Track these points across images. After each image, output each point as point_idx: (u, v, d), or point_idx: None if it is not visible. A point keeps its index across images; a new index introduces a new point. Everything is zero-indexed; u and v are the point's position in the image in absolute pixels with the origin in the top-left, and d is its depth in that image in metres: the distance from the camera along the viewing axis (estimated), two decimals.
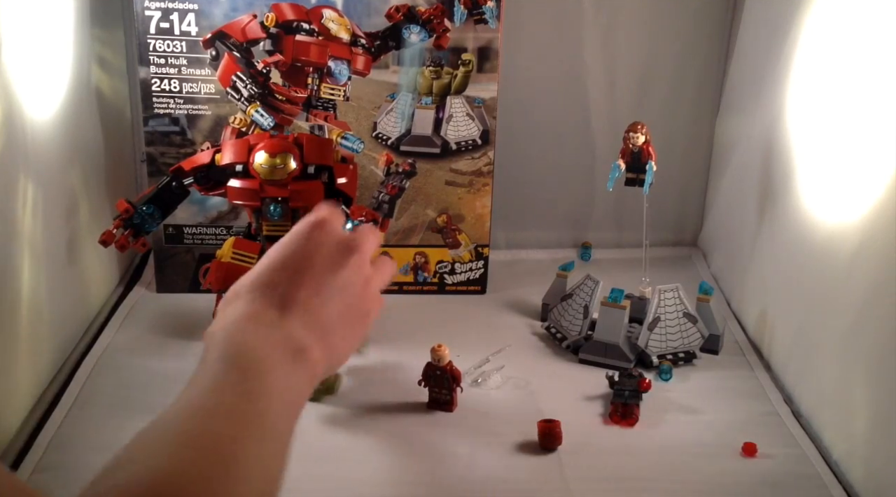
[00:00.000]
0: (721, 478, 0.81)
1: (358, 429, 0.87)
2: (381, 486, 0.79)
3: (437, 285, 1.15)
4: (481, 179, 1.11)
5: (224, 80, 1.04)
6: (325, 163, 0.93)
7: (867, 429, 0.79)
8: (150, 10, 1.02)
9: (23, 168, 0.83)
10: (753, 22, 1.13)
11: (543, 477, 0.81)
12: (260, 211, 0.92)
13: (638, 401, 0.89)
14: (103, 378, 0.94)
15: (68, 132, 0.97)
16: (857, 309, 0.81)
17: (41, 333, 0.90)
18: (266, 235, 0.93)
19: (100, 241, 0.93)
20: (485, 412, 0.90)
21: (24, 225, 0.84)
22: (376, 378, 0.95)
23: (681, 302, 0.99)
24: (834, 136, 0.88)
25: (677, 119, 1.24)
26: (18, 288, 0.83)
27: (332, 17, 1.02)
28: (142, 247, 0.94)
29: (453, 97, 1.08)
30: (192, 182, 0.95)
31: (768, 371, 0.99)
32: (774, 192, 1.02)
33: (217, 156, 0.94)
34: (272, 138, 0.93)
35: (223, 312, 0.63)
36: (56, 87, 0.95)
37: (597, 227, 1.29)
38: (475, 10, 1.04)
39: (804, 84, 0.96)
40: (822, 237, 0.89)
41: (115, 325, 1.05)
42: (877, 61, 0.80)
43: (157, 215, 0.95)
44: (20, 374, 0.85)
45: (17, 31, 0.82)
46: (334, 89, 1.05)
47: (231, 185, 0.92)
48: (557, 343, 1.03)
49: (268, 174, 0.91)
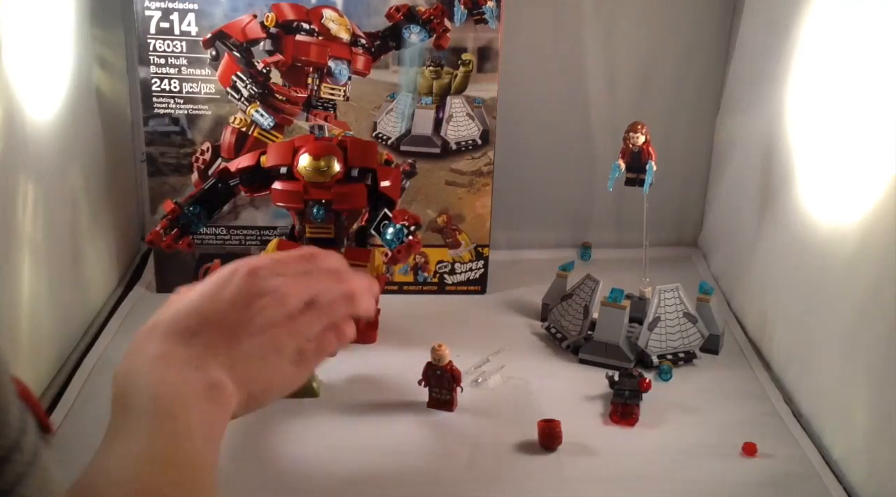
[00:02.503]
0: (721, 478, 0.81)
1: (358, 429, 0.87)
2: (381, 486, 0.79)
3: (437, 285, 1.15)
4: (481, 179, 1.11)
5: (224, 79, 1.04)
6: (369, 165, 0.93)
7: (867, 429, 0.79)
8: (150, 10, 1.02)
9: (23, 168, 0.83)
10: (753, 22, 1.13)
11: (543, 477, 0.81)
12: (303, 213, 0.92)
13: (638, 401, 0.89)
14: (103, 378, 0.94)
15: (68, 132, 0.97)
16: (857, 309, 0.81)
17: (41, 333, 0.90)
18: (309, 238, 0.94)
19: (147, 241, 0.94)
20: (485, 412, 0.90)
21: (24, 225, 0.84)
22: (376, 378, 0.95)
23: (681, 302, 0.99)
24: (834, 137, 0.88)
25: (677, 119, 1.24)
26: (18, 288, 0.83)
27: (332, 17, 1.03)
28: (188, 247, 0.95)
29: (453, 97, 1.08)
30: (238, 183, 0.95)
31: (768, 371, 0.99)
32: (774, 192, 1.02)
33: (262, 158, 0.94)
34: (316, 141, 0.93)
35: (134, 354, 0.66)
36: (56, 87, 0.95)
37: (597, 227, 1.29)
38: (475, 10, 1.04)
39: (804, 84, 0.96)
40: (822, 237, 0.89)
41: (115, 325, 1.05)
42: (877, 61, 0.80)
43: (203, 216, 0.95)
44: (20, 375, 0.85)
45: (17, 31, 0.82)
46: (334, 89, 1.05)
47: (275, 187, 0.92)
48: (557, 343, 1.04)
49: (311, 176, 0.91)
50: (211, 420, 0.63)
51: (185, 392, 0.62)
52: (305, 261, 0.74)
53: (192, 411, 0.61)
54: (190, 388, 0.63)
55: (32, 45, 0.87)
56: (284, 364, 0.69)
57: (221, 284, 0.68)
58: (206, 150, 1.08)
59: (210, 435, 0.62)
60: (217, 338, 0.66)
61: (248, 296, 0.68)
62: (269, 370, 0.69)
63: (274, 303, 0.68)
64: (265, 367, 0.68)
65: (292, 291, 0.70)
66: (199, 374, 0.63)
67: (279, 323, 0.68)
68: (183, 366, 0.63)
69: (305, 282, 0.72)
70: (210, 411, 0.63)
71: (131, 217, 1.22)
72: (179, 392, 0.62)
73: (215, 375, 0.64)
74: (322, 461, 0.82)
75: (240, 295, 0.68)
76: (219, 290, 0.68)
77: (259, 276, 0.69)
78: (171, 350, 0.64)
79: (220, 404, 0.64)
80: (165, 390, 0.61)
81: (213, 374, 0.64)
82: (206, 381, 0.63)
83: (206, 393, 0.63)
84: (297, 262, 0.74)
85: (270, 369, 0.69)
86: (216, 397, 0.63)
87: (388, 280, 1.12)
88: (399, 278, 1.14)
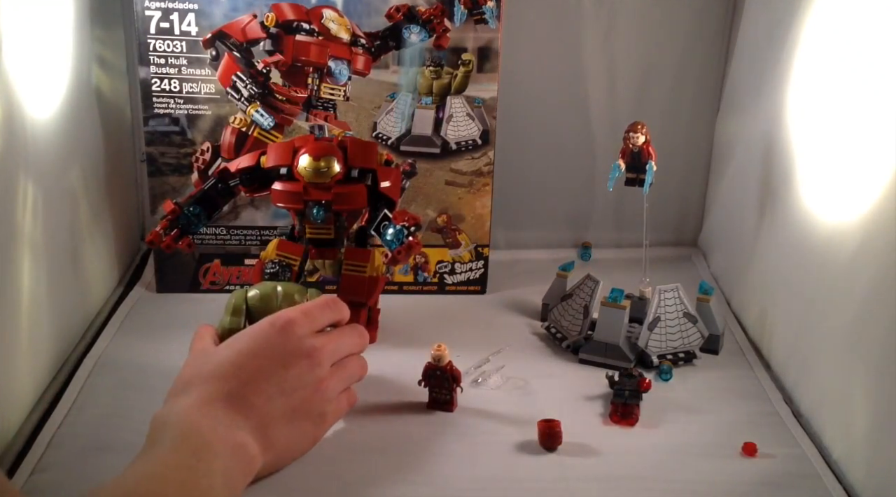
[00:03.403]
0: (721, 478, 0.81)
1: (358, 429, 0.87)
2: (381, 486, 0.79)
3: (437, 285, 1.15)
4: (481, 179, 1.11)
5: (224, 80, 1.04)
6: (369, 166, 0.93)
7: (867, 429, 0.79)
8: (150, 10, 1.02)
9: (23, 168, 0.83)
10: (753, 22, 1.13)
11: (543, 477, 0.81)
12: (303, 214, 0.92)
13: (638, 401, 0.89)
14: (103, 378, 0.94)
15: (68, 132, 0.97)
16: (857, 309, 0.81)
17: (41, 333, 0.90)
18: (309, 238, 0.94)
19: (147, 242, 0.95)
20: (485, 412, 0.90)
21: (24, 225, 0.84)
22: (376, 378, 0.95)
23: (681, 302, 0.99)
24: (834, 136, 0.88)
25: (677, 119, 1.24)
26: (18, 288, 0.83)
27: (332, 17, 1.03)
28: (188, 247, 0.95)
29: (453, 97, 1.08)
30: (238, 183, 0.95)
31: (768, 371, 0.99)
32: (774, 192, 1.02)
33: (262, 158, 0.94)
34: (316, 141, 0.93)
35: (174, 400, 0.70)
36: (56, 87, 0.95)
37: (597, 227, 1.29)
38: (475, 10, 1.04)
39: (804, 84, 0.96)
40: (822, 237, 0.89)
41: (115, 325, 1.05)
42: (877, 61, 0.80)
43: (203, 216, 0.95)
44: (20, 375, 0.85)
45: (17, 31, 0.82)
46: (334, 89, 1.05)
47: (275, 187, 0.92)
48: (557, 343, 1.04)
49: (311, 177, 0.91)
50: (233, 474, 0.65)
51: (215, 442, 0.65)
52: (331, 310, 0.78)
53: (217, 459, 0.64)
54: (219, 441, 0.65)
55: (32, 45, 0.87)
56: (308, 426, 0.73)
57: (260, 342, 0.70)
58: (206, 150, 1.08)
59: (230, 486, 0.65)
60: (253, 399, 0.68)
61: (286, 355, 0.71)
62: (295, 433, 0.73)
63: (310, 366, 0.72)
64: (293, 431, 0.72)
65: (326, 355, 0.74)
66: (229, 432, 0.66)
67: (311, 385, 0.71)
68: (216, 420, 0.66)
69: (335, 344, 0.76)
70: (234, 467, 0.66)
71: (131, 217, 1.22)
72: (209, 440, 0.65)
73: (245, 437, 0.67)
74: (322, 461, 0.82)
75: (277, 354, 0.70)
76: (258, 347, 0.70)
77: (295, 334, 0.71)
78: (207, 403, 0.67)
79: (245, 463, 0.67)
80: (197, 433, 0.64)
81: (243, 435, 0.67)
82: (235, 439, 0.66)
83: (233, 450, 0.66)
84: (324, 312, 0.77)
85: (297, 432, 0.73)
86: (242, 456, 0.67)
87: (388, 280, 1.12)
88: (399, 278, 1.14)
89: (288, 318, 0.73)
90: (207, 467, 0.62)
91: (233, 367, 0.69)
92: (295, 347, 0.72)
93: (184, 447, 0.63)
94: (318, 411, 0.73)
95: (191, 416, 0.66)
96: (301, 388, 0.71)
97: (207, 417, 0.66)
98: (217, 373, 0.69)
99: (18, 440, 0.83)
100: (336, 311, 0.79)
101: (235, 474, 0.66)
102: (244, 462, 0.67)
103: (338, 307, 0.80)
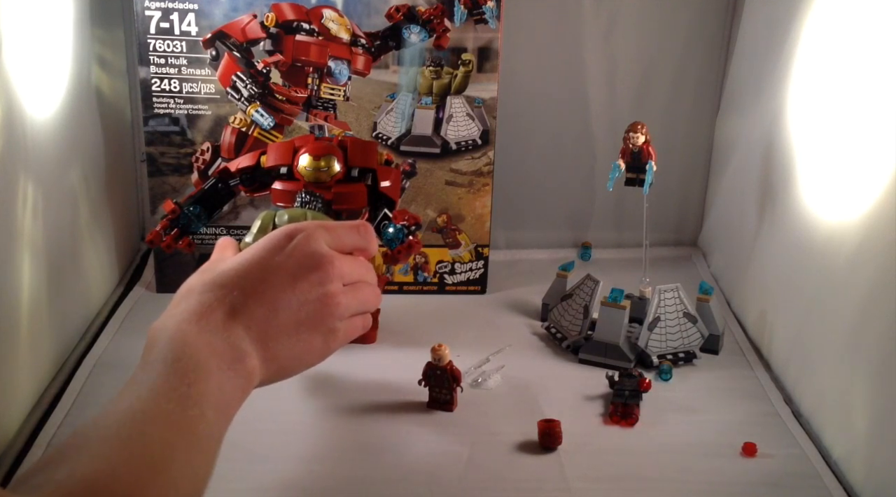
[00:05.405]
0: (721, 478, 0.81)
1: (358, 429, 0.87)
2: (381, 486, 0.79)
3: (437, 285, 1.15)
4: (481, 179, 1.11)
5: (224, 80, 1.04)
6: (369, 166, 0.93)
7: (867, 429, 0.79)
8: (150, 10, 1.02)
9: (23, 168, 0.83)
10: (753, 22, 1.13)
11: (543, 477, 0.81)
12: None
13: (638, 401, 0.89)
14: (103, 378, 0.94)
15: (68, 132, 0.97)
16: (857, 309, 0.81)
17: (41, 333, 0.90)
18: None
19: (147, 241, 0.95)
20: (485, 412, 0.90)
21: (24, 225, 0.84)
22: (376, 378, 0.95)
23: (681, 302, 0.99)
24: (834, 136, 0.88)
25: (677, 119, 1.24)
26: (18, 288, 0.83)
27: (332, 17, 1.03)
28: (188, 247, 0.95)
29: (453, 97, 1.08)
30: (238, 183, 0.95)
31: (768, 371, 0.99)
32: (774, 192, 1.02)
33: (262, 158, 0.94)
34: (316, 141, 0.93)
35: (175, 308, 0.65)
36: (56, 87, 0.95)
37: (597, 227, 1.29)
38: (475, 10, 1.04)
39: (804, 84, 0.96)
40: (822, 237, 0.89)
41: (115, 325, 1.05)
42: (877, 61, 0.80)
43: (203, 216, 0.95)
44: (20, 374, 0.85)
45: (17, 31, 0.82)
46: (334, 89, 1.05)
47: (275, 187, 0.92)
48: (557, 343, 1.04)
49: (311, 177, 0.91)
50: (229, 391, 0.61)
51: (208, 359, 0.61)
52: (357, 234, 0.72)
53: (209, 380, 0.60)
54: (214, 356, 0.61)
55: (32, 45, 0.87)
56: (316, 340, 0.67)
57: (273, 250, 0.66)
58: (206, 150, 1.08)
59: (224, 404, 0.61)
60: (256, 309, 0.64)
61: (296, 266, 0.66)
62: (302, 346, 0.67)
63: (320, 280, 0.66)
64: (299, 344, 0.66)
65: (338, 272, 0.68)
66: (227, 344, 0.62)
67: (320, 299, 0.66)
68: (213, 332, 0.62)
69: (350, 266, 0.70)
70: (230, 382, 0.61)
71: (131, 217, 1.22)
72: (201, 358, 0.60)
73: (244, 349, 0.62)
74: (322, 461, 0.82)
75: (287, 265, 0.66)
76: (270, 256, 0.66)
77: (310, 246, 0.67)
78: (206, 313, 0.63)
79: (242, 377, 0.62)
80: (187, 353, 0.60)
81: (242, 346, 0.62)
82: (233, 352, 0.62)
83: (229, 363, 0.62)
84: (349, 232, 0.72)
85: (303, 345, 0.67)
86: (240, 369, 0.62)
87: (388, 280, 1.12)
88: (399, 278, 1.14)
89: (305, 229, 0.68)
90: (197, 393, 0.58)
91: (237, 276, 0.65)
92: (307, 259, 0.66)
93: (175, 372, 0.58)
94: (328, 326, 0.67)
95: (186, 332, 0.61)
96: (310, 301, 0.66)
97: (204, 331, 0.61)
98: (220, 281, 0.64)
99: (18, 440, 0.83)
100: (362, 236, 0.72)
101: (230, 390, 0.61)
102: (241, 375, 0.62)
103: (366, 232, 0.73)
